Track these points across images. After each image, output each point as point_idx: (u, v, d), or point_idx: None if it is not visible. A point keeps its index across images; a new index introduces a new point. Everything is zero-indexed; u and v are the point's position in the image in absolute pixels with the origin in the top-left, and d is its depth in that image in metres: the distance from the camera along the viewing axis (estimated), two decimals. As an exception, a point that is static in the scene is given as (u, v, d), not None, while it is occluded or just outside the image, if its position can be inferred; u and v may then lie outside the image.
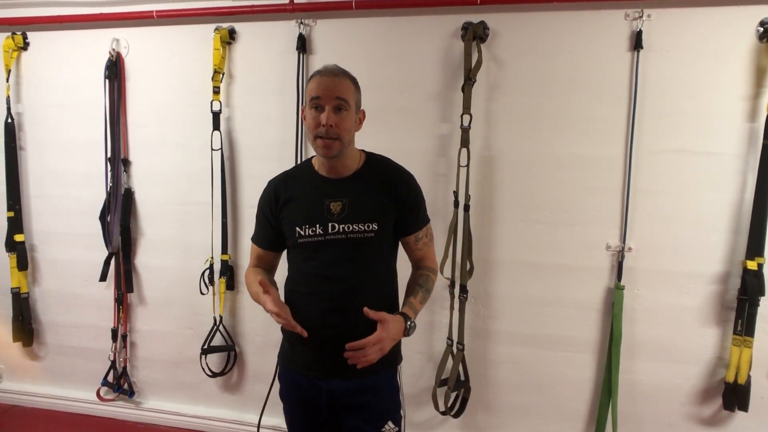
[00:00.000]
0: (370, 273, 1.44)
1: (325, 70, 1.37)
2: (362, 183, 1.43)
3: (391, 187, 1.44)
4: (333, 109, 1.32)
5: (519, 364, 2.22)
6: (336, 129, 1.32)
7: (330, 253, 1.40)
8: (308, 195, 1.43)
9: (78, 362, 2.69)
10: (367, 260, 1.42)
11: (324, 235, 1.39)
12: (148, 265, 2.52)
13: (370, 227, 1.39)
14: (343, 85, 1.35)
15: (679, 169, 1.99)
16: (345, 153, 1.39)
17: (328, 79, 1.34)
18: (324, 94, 1.32)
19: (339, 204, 1.40)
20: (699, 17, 1.92)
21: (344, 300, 1.39)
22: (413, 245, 1.52)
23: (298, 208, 1.43)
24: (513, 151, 2.12)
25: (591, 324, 2.14)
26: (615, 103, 2.01)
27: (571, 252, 2.12)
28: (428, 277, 1.51)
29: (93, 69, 2.40)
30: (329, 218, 1.39)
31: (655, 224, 2.04)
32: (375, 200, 1.42)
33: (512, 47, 2.07)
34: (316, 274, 1.41)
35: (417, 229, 1.50)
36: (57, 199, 2.58)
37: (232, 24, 2.26)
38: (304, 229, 1.40)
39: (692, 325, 2.05)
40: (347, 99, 1.34)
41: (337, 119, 1.32)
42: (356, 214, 1.39)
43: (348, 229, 1.39)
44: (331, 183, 1.43)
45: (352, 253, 1.40)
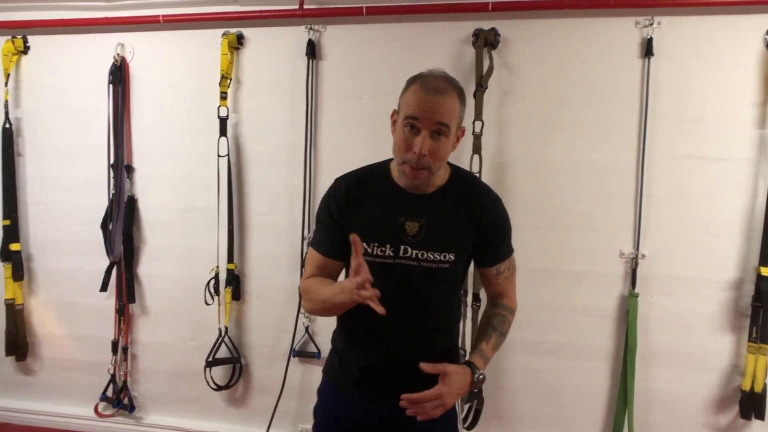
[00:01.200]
0: (437, 305, 1.29)
1: (429, 82, 1.14)
2: (444, 203, 1.25)
3: (475, 211, 1.25)
4: (430, 134, 1.12)
5: (532, 372, 2.19)
6: (429, 159, 1.13)
7: (397, 278, 1.23)
8: (383, 207, 1.25)
9: (75, 376, 2.60)
10: (436, 291, 1.27)
11: (394, 257, 1.22)
12: (150, 275, 2.46)
13: (447, 257, 1.22)
14: (448, 106, 1.13)
15: (692, 174, 1.99)
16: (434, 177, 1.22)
17: (432, 97, 1.11)
18: (423, 116, 1.11)
19: (416, 225, 1.23)
20: (708, 25, 1.94)
21: (405, 329, 1.25)
22: (493, 279, 1.33)
23: (370, 221, 1.25)
24: (525, 157, 2.10)
25: (605, 332, 2.12)
26: (627, 109, 2.02)
27: (585, 259, 2.10)
28: (504, 318, 1.33)
29: (96, 74, 2.36)
30: (403, 239, 1.22)
31: (668, 230, 2.03)
32: (456, 226, 1.24)
33: (523, 54, 2.07)
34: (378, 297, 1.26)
35: (499, 262, 1.31)
36: (56, 206, 2.50)
37: (240, 29, 2.24)
38: (373, 248, 1.23)
39: (707, 332, 2.04)
40: (449, 124, 1.13)
41: (434, 147, 1.13)
42: (433, 240, 1.22)
43: (422, 257, 1.22)
44: (409, 198, 1.24)
45: (421, 282, 1.24)
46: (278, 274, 2.33)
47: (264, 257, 2.35)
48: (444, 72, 1.20)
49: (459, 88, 1.18)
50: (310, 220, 2.25)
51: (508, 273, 1.34)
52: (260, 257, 2.36)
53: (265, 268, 2.36)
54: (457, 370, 1.16)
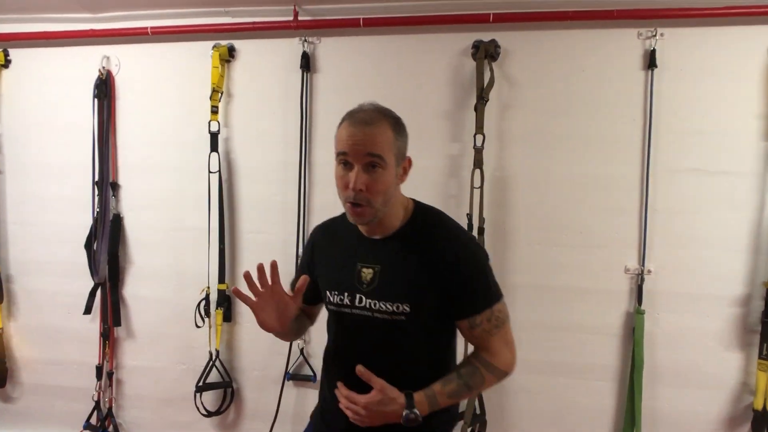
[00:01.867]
0: (404, 364, 1.16)
1: (356, 116, 1.09)
2: (400, 247, 1.15)
3: (434, 255, 1.12)
4: (363, 167, 1.06)
5: (536, 393, 2.12)
6: (366, 194, 1.06)
7: (354, 329, 1.19)
8: (343, 254, 1.21)
9: (57, 403, 2.47)
10: (398, 347, 1.16)
11: (351, 306, 1.16)
12: (137, 296, 2.35)
13: (400, 308, 1.12)
14: (378, 137, 1.06)
15: (697, 188, 1.95)
16: (382, 215, 1.12)
17: (358, 129, 1.06)
18: (352, 149, 1.06)
19: (370, 272, 1.15)
20: (711, 37, 1.91)
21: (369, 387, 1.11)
22: (467, 332, 1.16)
23: (331, 269, 1.22)
24: (527, 171, 2.05)
25: (610, 350, 2.06)
26: (630, 122, 1.98)
27: (589, 275, 2.04)
28: (476, 370, 1.14)
29: (80, 88, 2.27)
30: (358, 287, 1.15)
31: (673, 245, 1.98)
32: (411, 273, 1.13)
33: (524, 66, 2.03)
34: (343, 344, 1.23)
35: (473, 313, 1.13)
36: (38, 225, 2.40)
37: (231, 41, 2.17)
38: (333, 295, 1.19)
39: (715, 349, 1.98)
40: (382, 155, 1.06)
41: (369, 181, 1.06)
42: (385, 289, 1.13)
43: (374, 306, 1.13)
44: (366, 243, 1.18)
45: (379, 335, 1.15)
46: (272, 294, 2.23)
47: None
48: (376, 104, 1.14)
49: (393, 117, 1.12)
50: (304, 238, 2.16)
51: (488, 326, 1.14)
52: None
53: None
54: (389, 393, 1.08)
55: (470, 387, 1.14)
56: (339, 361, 1.24)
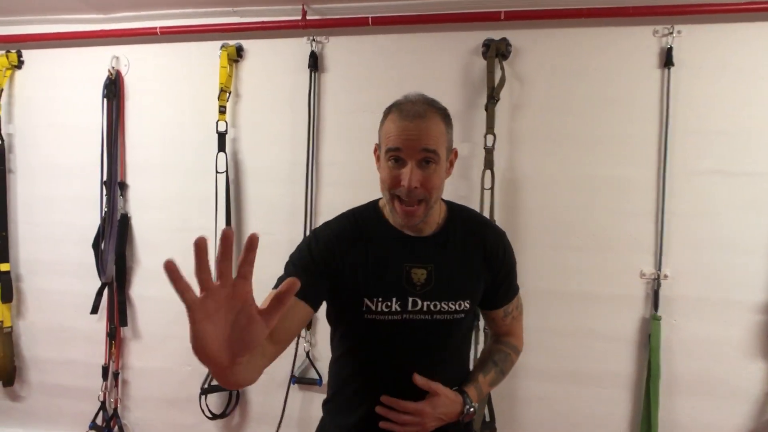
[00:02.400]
0: (452, 358, 1.15)
1: (406, 108, 1.01)
2: (451, 244, 1.10)
3: (485, 249, 1.12)
4: (418, 163, 0.99)
5: (548, 401, 2.06)
6: (422, 190, 0.99)
7: (407, 338, 1.08)
8: (381, 255, 1.08)
9: (64, 403, 2.46)
10: (450, 345, 1.12)
11: (402, 312, 1.06)
12: (144, 297, 2.34)
13: (462, 306, 1.08)
14: (433, 130, 1.00)
15: (716, 190, 1.89)
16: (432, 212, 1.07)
17: (412, 123, 0.99)
18: (406, 145, 0.99)
19: (423, 272, 1.07)
20: (730, 33, 1.85)
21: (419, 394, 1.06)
22: (500, 321, 1.21)
23: (369, 273, 1.07)
24: (539, 172, 2.00)
25: (625, 357, 1.99)
26: (646, 122, 1.92)
27: (603, 280, 1.98)
28: (507, 356, 1.21)
29: (90, 88, 2.27)
30: (410, 290, 1.06)
31: (691, 249, 1.91)
32: (468, 269, 1.10)
33: (536, 65, 1.98)
34: (384, 364, 1.09)
35: (508, 302, 1.19)
36: (47, 225, 2.40)
37: (239, 41, 2.16)
38: (377, 304, 1.05)
39: (735, 357, 1.91)
40: (437, 149, 1.00)
41: (424, 177, 0.99)
42: (445, 288, 1.07)
43: (434, 308, 1.07)
44: (410, 242, 1.09)
45: (436, 337, 1.09)
46: (278, 295, 2.21)
47: (263, 278, 2.18)
48: (422, 95, 1.06)
49: (442, 109, 1.06)
50: (312, 239, 2.14)
51: (516, 313, 1.22)
52: (259, 278, 2.20)
53: (264, 290, 2.19)
54: (448, 395, 1.06)
55: (504, 372, 1.20)
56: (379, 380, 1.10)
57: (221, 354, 0.66)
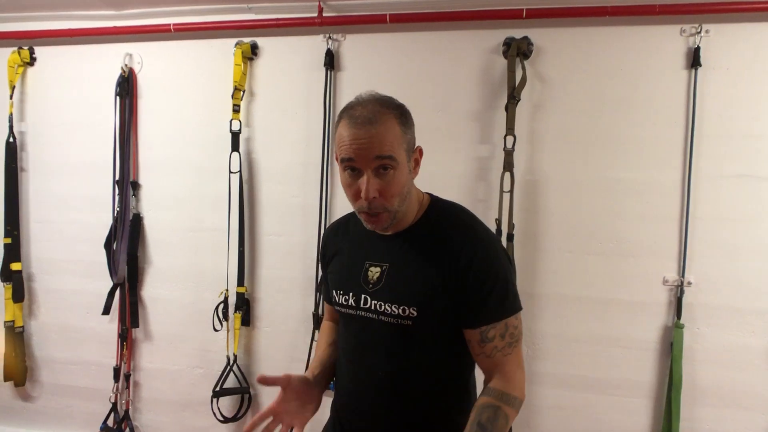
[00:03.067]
0: (412, 374, 1.04)
1: (357, 112, 0.95)
2: (410, 244, 1.04)
3: (447, 252, 1.00)
4: (373, 172, 0.95)
5: (566, 410, 2.01)
6: (380, 200, 0.96)
7: (361, 334, 1.08)
8: (353, 252, 1.13)
9: (75, 403, 2.45)
10: (404, 356, 1.03)
11: (356, 308, 1.07)
12: (156, 297, 2.32)
13: (407, 312, 1.00)
14: (387, 136, 0.94)
15: (743, 195, 1.83)
16: (401, 215, 1.03)
17: (362, 131, 0.93)
18: (359, 155, 0.93)
19: (378, 270, 1.05)
20: (760, 33, 1.79)
21: (378, 398, 1.06)
22: (477, 346, 1.01)
23: (340, 268, 1.15)
24: (560, 175, 1.95)
25: (647, 366, 1.94)
26: (671, 124, 1.86)
27: (625, 286, 1.93)
28: (497, 413, 0.96)
29: (103, 86, 2.25)
30: (364, 287, 1.06)
31: (716, 256, 1.86)
32: (420, 273, 1.01)
33: (558, 64, 1.93)
34: (349, 352, 1.13)
35: (485, 323, 0.99)
36: (59, 224, 2.38)
37: (254, 38, 2.12)
38: (339, 295, 1.11)
39: (761, 367, 1.86)
40: (393, 155, 0.94)
41: (382, 185, 0.95)
42: (391, 290, 1.02)
43: (380, 309, 1.03)
44: (374, 239, 1.08)
45: (384, 340, 1.04)
46: (291, 298, 2.18)
47: (276, 280, 2.21)
48: (374, 94, 1.01)
49: (397, 107, 0.99)
50: (326, 240, 2.10)
51: (500, 343, 0.99)
52: (272, 280, 2.21)
53: (276, 292, 2.21)
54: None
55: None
56: (347, 366, 1.15)
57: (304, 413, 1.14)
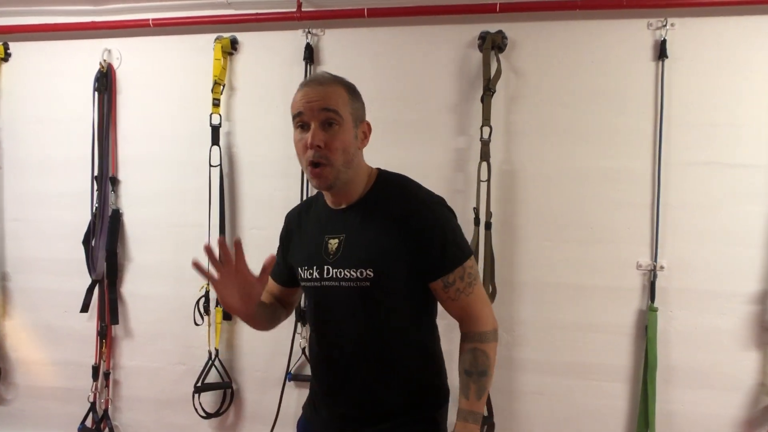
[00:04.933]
0: (379, 332, 1.13)
1: (311, 78, 1.13)
2: (362, 213, 1.14)
3: (395, 217, 1.10)
4: (320, 125, 1.05)
5: (546, 395, 2.05)
6: (325, 150, 1.04)
7: (326, 304, 1.16)
8: (314, 230, 1.20)
9: (52, 405, 2.41)
10: (369, 315, 1.12)
11: (320, 279, 1.14)
12: (136, 294, 2.30)
13: (364, 274, 1.09)
14: (332, 94, 1.07)
15: (710, 182, 1.90)
16: (345, 178, 1.10)
17: (312, 89, 1.07)
18: (307, 107, 1.05)
19: (336, 241, 1.13)
20: (723, 26, 1.88)
21: (348, 363, 1.15)
22: (443, 294, 1.12)
23: (303, 246, 1.21)
24: (535, 165, 2.01)
25: (623, 349, 1.99)
26: (640, 114, 1.94)
27: (600, 272, 1.99)
28: (475, 354, 1.10)
29: (81, 81, 2.24)
30: (326, 259, 1.13)
31: (687, 241, 1.93)
32: (372, 238, 1.11)
33: (532, 57, 1.99)
34: (317, 324, 1.21)
35: (444, 273, 1.10)
36: (35, 222, 2.35)
37: (234, 33, 2.14)
38: (304, 271, 1.17)
39: (731, 348, 1.92)
40: (337, 110, 1.05)
41: (327, 137, 1.04)
42: (349, 257, 1.11)
43: (339, 275, 1.11)
44: (332, 214, 1.17)
45: (346, 305, 1.12)
46: (273, 291, 2.18)
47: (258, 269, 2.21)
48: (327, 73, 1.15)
49: (346, 83, 1.13)
50: (308, 233, 2.12)
51: (461, 284, 1.11)
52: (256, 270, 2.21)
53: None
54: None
55: (484, 372, 1.09)
56: (317, 341, 1.22)
57: (238, 306, 1.08)
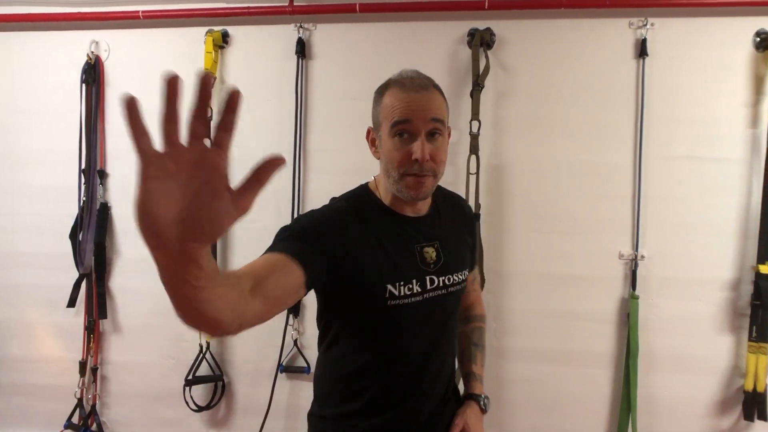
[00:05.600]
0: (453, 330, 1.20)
1: (408, 81, 1.00)
2: (444, 219, 1.16)
3: (464, 218, 1.24)
4: (427, 135, 0.99)
5: (532, 382, 2.12)
6: (432, 163, 0.99)
7: (430, 316, 1.08)
8: (391, 239, 1.05)
9: (36, 403, 2.37)
10: (454, 316, 1.18)
11: (422, 292, 1.04)
12: (124, 288, 2.28)
13: (464, 275, 1.15)
14: (437, 101, 1.01)
15: (688, 175, 1.99)
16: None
17: (419, 94, 0.98)
18: (415, 116, 0.97)
19: (432, 250, 1.08)
20: (700, 27, 1.96)
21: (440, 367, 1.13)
22: (470, 285, 1.26)
23: (383, 259, 1.02)
24: (523, 158, 2.07)
25: (606, 336, 2.07)
26: (622, 110, 2.01)
27: (584, 262, 2.06)
28: (481, 330, 1.33)
29: (67, 73, 2.21)
30: (426, 270, 1.06)
31: (666, 231, 2.02)
32: (461, 240, 1.19)
33: (519, 54, 2.05)
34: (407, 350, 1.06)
35: (476, 263, 1.30)
36: (19, 216, 2.31)
37: (225, 27, 2.14)
38: (399, 288, 1.01)
39: (707, 333, 2.01)
40: (444, 120, 1.02)
41: (434, 149, 0.99)
42: (452, 261, 1.11)
43: (449, 282, 1.09)
44: (415, 222, 1.10)
45: (450, 311, 1.14)
46: (264, 284, 2.19)
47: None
48: (416, 70, 1.06)
49: (440, 88, 1.06)
50: (299, 226, 2.14)
51: (477, 276, 1.38)
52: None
53: (250, 279, 2.22)
54: (471, 419, 1.18)
55: (484, 345, 1.33)
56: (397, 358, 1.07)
57: (169, 227, 0.50)
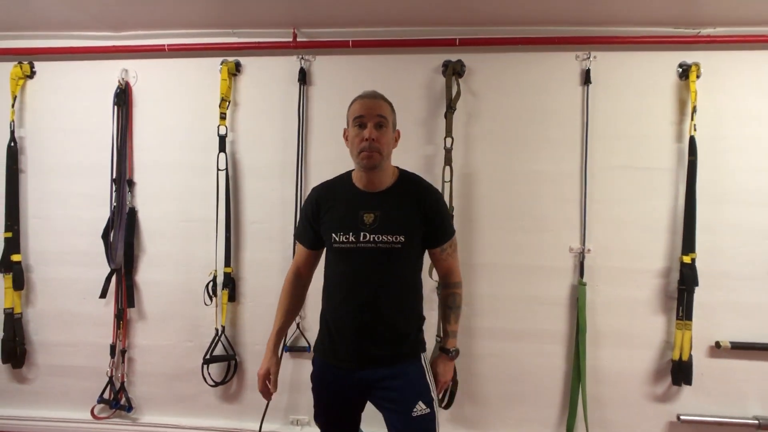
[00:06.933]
0: (396, 279, 1.62)
1: (365, 94, 1.61)
2: (394, 198, 1.61)
3: (420, 203, 1.61)
4: (374, 125, 1.54)
5: (498, 357, 2.48)
6: (377, 143, 1.53)
7: (360, 259, 1.59)
8: (346, 206, 1.62)
9: (71, 382, 2.70)
10: (393, 268, 1.60)
11: (356, 242, 1.58)
12: (149, 281, 2.63)
13: (398, 239, 1.57)
14: (383, 105, 1.58)
15: (626, 181, 2.39)
16: (382, 167, 1.58)
17: (370, 100, 1.58)
18: (366, 112, 1.55)
19: (372, 216, 1.58)
20: (634, 59, 2.37)
21: (372, 301, 1.59)
22: (439, 255, 1.70)
23: (336, 218, 1.62)
24: (489, 169, 2.45)
25: (560, 317, 2.45)
26: (571, 127, 2.41)
27: (541, 255, 2.44)
28: (455, 295, 1.73)
29: (100, 96, 2.57)
30: (362, 228, 1.58)
31: (608, 228, 2.40)
32: (404, 215, 1.60)
33: (485, 81, 2.44)
34: (347, 276, 1.62)
35: (443, 242, 1.68)
36: (56, 220, 2.65)
37: (238, 58, 2.51)
38: (339, 236, 1.59)
39: (643, 314, 2.40)
40: (386, 117, 1.57)
41: (378, 134, 1.54)
42: (386, 226, 1.57)
43: (378, 239, 1.57)
44: (366, 196, 1.62)
45: (379, 260, 1.58)
46: (271, 276, 2.54)
47: (258, 262, 2.58)
48: (374, 90, 1.64)
49: (388, 100, 1.64)
50: (301, 226, 2.49)
51: (450, 250, 1.71)
52: (254, 262, 2.59)
53: (258, 272, 2.58)
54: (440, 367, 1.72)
55: (459, 306, 1.75)
56: (339, 290, 1.65)
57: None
